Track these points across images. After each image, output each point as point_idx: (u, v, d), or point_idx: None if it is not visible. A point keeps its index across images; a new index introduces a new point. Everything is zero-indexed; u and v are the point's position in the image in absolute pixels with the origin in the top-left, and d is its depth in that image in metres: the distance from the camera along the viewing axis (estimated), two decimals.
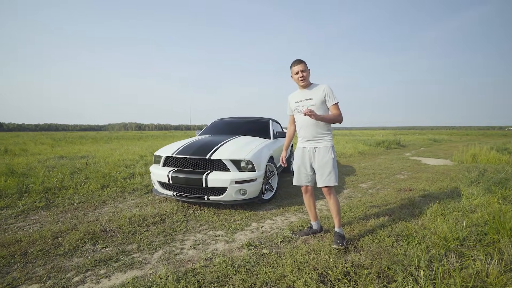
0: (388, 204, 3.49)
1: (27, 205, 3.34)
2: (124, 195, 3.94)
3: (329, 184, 2.23)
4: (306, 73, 2.28)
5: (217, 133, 4.68)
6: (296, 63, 2.28)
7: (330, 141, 2.29)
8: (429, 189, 4.28)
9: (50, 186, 4.00)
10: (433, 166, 6.93)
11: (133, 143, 14.05)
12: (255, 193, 3.27)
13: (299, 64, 2.27)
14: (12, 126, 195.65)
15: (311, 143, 2.31)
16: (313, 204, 2.51)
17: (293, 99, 2.42)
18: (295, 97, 2.41)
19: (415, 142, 16.69)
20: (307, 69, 2.30)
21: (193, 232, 2.63)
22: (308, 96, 2.29)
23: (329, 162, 2.23)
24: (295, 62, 2.29)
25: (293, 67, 2.30)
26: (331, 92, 2.24)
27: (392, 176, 5.60)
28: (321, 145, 2.27)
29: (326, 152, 2.25)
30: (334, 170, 2.23)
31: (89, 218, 2.96)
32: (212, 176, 3.07)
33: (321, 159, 2.25)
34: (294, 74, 2.31)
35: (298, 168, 2.41)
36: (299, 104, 2.34)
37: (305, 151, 2.35)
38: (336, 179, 2.24)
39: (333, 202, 2.30)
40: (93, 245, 2.30)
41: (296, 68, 2.28)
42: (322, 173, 2.25)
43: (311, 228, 2.54)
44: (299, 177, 2.43)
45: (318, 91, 2.27)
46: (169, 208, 3.25)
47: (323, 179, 2.25)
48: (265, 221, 2.96)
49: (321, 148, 2.27)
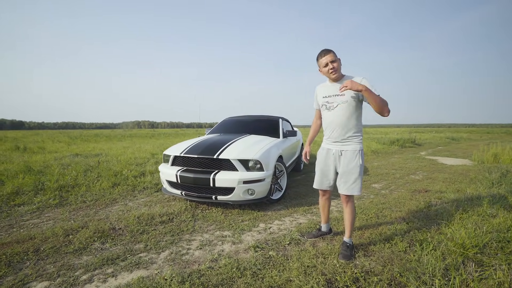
0: (401, 206, 3.36)
1: (42, 202, 3.44)
2: (134, 193, 3.99)
3: (352, 193, 2.02)
4: (336, 64, 1.96)
5: (226, 132, 4.66)
6: (323, 54, 1.98)
7: (359, 144, 2.02)
8: (446, 190, 4.09)
9: (64, 183, 4.11)
10: (450, 166, 6.64)
11: (145, 141, 14.33)
12: (263, 193, 3.23)
13: (328, 55, 1.96)
14: (33, 125, 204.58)
15: (338, 145, 2.05)
16: (328, 207, 2.39)
17: (321, 92, 2.13)
18: (324, 90, 2.11)
19: (432, 141, 16.11)
20: (337, 59, 1.98)
21: (200, 232, 2.62)
22: (340, 91, 1.96)
23: (356, 169, 1.99)
24: (322, 53, 1.99)
25: (321, 59, 2.00)
26: (369, 84, 1.87)
27: (407, 177, 5.41)
28: (349, 148, 2.02)
29: (354, 157, 2.00)
30: (360, 178, 2.00)
31: (99, 216, 3.01)
32: (219, 176, 3.05)
33: (346, 164, 2.01)
34: (323, 67, 2.01)
35: (320, 171, 2.20)
36: (328, 99, 2.06)
37: (330, 153, 2.11)
38: (361, 188, 2.03)
39: (349, 211, 2.11)
40: (102, 244, 2.33)
41: (325, 60, 1.97)
42: (346, 180, 2.02)
43: (320, 230, 2.46)
44: (321, 181, 2.22)
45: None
46: (177, 207, 3.26)
47: (346, 187, 2.03)
48: (273, 222, 2.92)
49: (348, 152, 2.02)
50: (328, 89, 2.08)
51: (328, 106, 2.07)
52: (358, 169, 1.99)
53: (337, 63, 1.98)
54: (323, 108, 2.12)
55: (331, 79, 2.06)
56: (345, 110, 1.98)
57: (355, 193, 2.02)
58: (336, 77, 2.01)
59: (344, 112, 1.98)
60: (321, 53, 2.01)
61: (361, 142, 2.04)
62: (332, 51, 1.98)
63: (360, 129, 2.05)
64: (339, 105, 2.00)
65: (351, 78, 1.96)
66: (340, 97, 1.99)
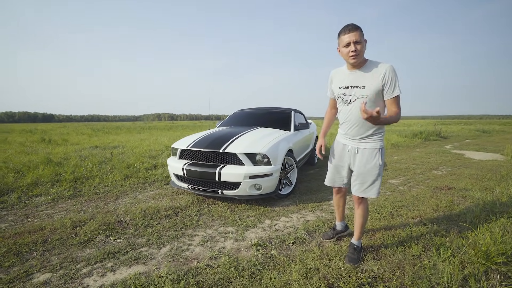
0: (420, 205, 3.12)
1: (57, 193, 3.57)
2: (144, 186, 4.04)
3: (368, 195, 1.80)
4: (360, 46, 1.59)
5: (237, 125, 4.58)
6: (347, 30, 1.59)
7: (380, 142, 1.76)
8: (472, 188, 3.77)
9: (79, 175, 4.24)
10: (479, 161, 6.14)
11: (162, 134, 14.64)
12: (271, 188, 3.12)
13: (353, 32, 1.57)
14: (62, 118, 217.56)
15: (355, 142, 1.81)
16: (343, 205, 2.17)
17: (337, 80, 1.80)
18: (340, 78, 1.78)
19: (460, 133, 15.08)
20: (363, 40, 1.60)
21: (204, 228, 2.58)
22: (360, 83, 1.66)
23: (374, 170, 1.75)
24: (346, 29, 1.60)
25: (343, 36, 1.61)
26: (394, 77, 1.59)
27: (428, 172, 5.06)
28: (367, 146, 1.76)
29: (372, 157, 1.74)
30: (379, 179, 1.76)
31: (108, 208, 3.06)
32: (225, 170, 2.98)
33: (364, 164, 1.77)
34: (343, 47, 1.63)
35: (334, 167, 1.98)
36: (345, 91, 1.74)
37: (345, 149, 1.88)
38: (379, 191, 1.79)
39: (361, 213, 1.91)
40: (106, 237, 2.35)
41: (347, 38, 1.58)
42: (363, 182, 1.80)
43: (334, 229, 2.28)
44: (333, 178, 2.01)
45: (376, 75, 1.61)
46: (184, 201, 3.24)
47: (362, 189, 1.81)
48: (279, 218, 2.81)
49: (366, 150, 1.76)
50: (346, 78, 1.74)
51: (345, 100, 1.76)
52: (377, 170, 1.75)
53: (362, 46, 1.60)
54: (339, 101, 1.83)
55: (350, 64, 1.70)
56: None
57: (372, 196, 1.80)
58: (357, 62, 1.64)
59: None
60: (345, 28, 1.61)
61: (382, 139, 1.77)
62: (359, 28, 1.59)
63: (382, 126, 1.76)
64: (357, 99, 1.69)
65: (374, 65, 1.65)
66: (359, 90, 1.67)
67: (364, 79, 1.66)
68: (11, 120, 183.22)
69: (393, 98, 1.62)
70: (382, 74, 1.60)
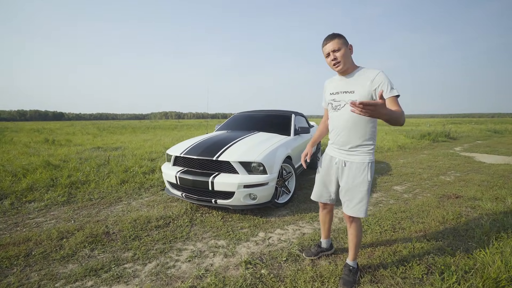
0: (424, 217, 2.94)
1: (51, 199, 3.51)
2: (140, 191, 3.96)
3: (356, 214, 1.69)
4: (341, 53, 1.57)
5: (235, 129, 4.45)
6: (326, 41, 1.60)
7: (370, 155, 1.65)
8: (482, 197, 3.55)
9: (75, 180, 4.19)
10: (490, 166, 5.87)
11: (167, 133, 14.65)
12: (266, 197, 2.99)
13: (331, 41, 1.57)
14: (71, 116, 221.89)
15: (342, 154, 1.71)
16: (329, 221, 2.07)
17: (329, 88, 1.79)
18: (331, 86, 1.76)
19: (470, 133, 14.63)
20: (344, 47, 1.58)
21: (194, 241, 2.47)
22: (348, 88, 1.63)
23: (362, 186, 1.64)
24: (325, 40, 1.61)
25: (323, 47, 1.63)
26: (386, 79, 1.51)
27: (435, 177, 4.84)
28: (355, 159, 1.66)
29: (360, 171, 1.64)
30: (366, 197, 1.66)
31: (99, 217, 2.98)
32: (219, 179, 2.85)
33: (351, 179, 1.67)
34: (326, 57, 1.64)
35: (321, 180, 1.89)
36: (335, 97, 1.70)
37: (332, 161, 1.79)
38: (367, 210, 1.69)
39: (353, 233, 1.79)
40: (91, 250, 2.26)
41: (327, 48, 1.60)
42: (350, 199, 1.69)
43: (319, 246, 2.16)
44: (320, 192, 1.92)
45: (365, 80, 1.57)
46: (177, 210, 3.14)
47: (350, 207, 1.70)
48: (274, 230, 2.68)
49: (354, 164, 1.66)
50: (336, 85, 1.72)
51: (334, 106, 1.71)
52: (365, 186, 1.64)
53: (342, 52, 1.57)
54: (329, 108, 1.77)
55: (337, 73, 1.69)
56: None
57: (360, 215, 1.68)
58: (342, 69, 1.62)
59: (353, 114, 1.58)
60: (324, 39, 1.63)
61: (372, 152, 1.66)
62: (338, 36, 1.58)
63: (373, 136, 1.66)
64: (347, 104, 1.63)
65: (363, 71, 1.61)
66: (348, 95, 1.63)
67: (353, 84, 1.63)
68: (23, 118, 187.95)
69: (391, 98, 1.49)
70: (372, 78, 1.55)
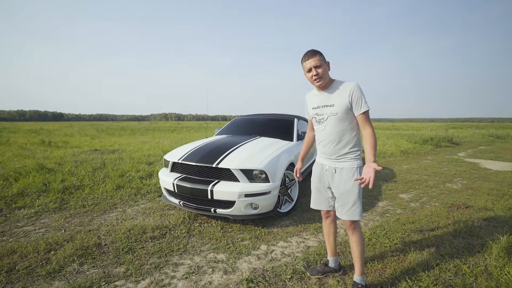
0: (435, 229, 2.79)
1: (42, 205, 3.35)
2: (136, 197, 3.79)
3: (352, 218, 1.71)
4: (322, 70, 1.66)
5: (236, 133, 4.31)
6: (307, 57, 1.68)
7: (357, 160, 1.72)
8: (493, 208, 3.40)
9: (69, 185, 4.03)
10: (496, 173, 5.73)
11: (166, 136, 14.49)
12: (269, 207, 2.83)
13: (312, 58, 1.66)
14: (71, 116, 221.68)
15: (332, 161, 1.77)
16: (333, 233, 1.96)
17: (310, 102, 1.87)
18: (312, 100, 1.85)
19: (472, 139, 14.51)
20: (323, 64, 1.67)
21: (192, 254, 2.30)
22: (328, 102, 1.72)
23: (354, 190, 1.69)
24: (306, 55, 1.69)
25: (304, 63, 1.71)
26: (360, 94, 1.63)
27: (442, 185, 4.69)
28: (344, 165, 1.72)
29: (350, 176, 1.69)
30: (359, 200, 1.70)
31: (91, 226, 2.81)
32: (218, 188, 2.70)
33: (342, 184, 1.72)
34: (307, 72, 1.72)
35: (316, 188, 1.92)
36: (317, 111, 1.79)
37: (323, 169, 1.83)
38: (361, 212, 1.71)
39: (356, 240, 1.75)
40: (80, 265, 2.10)
41: (308, 64, 1.67)
42: (344, 203, 1.73)
43: (326, 265, 2.00)
44: (317, 200, 1.93)
45: (342, 93, 1.67)
46: (174, 219, 2.98)
47: (344, 211, 1.73)
48: (277, 243, 2.52)
49: (344, 170, 1.72)
50: (316, 99, 1.82)
51: (318, 119, 1.81)
52: (356, 190, 1.69)
53: (323, 69, 1.67)
54: (314, 121, 1.86)
55: (317, 87, 1.79)
56: (336, 123, 1.70)
57: (355, 218, 1.71)
58: (322, 84, 1.72)
59: (336, 126, 1.71)
60: (304, 55, 1.71)
61: (359, 157, 1.74)
62: (318, 53, 1.68)
63: (358, 142, 1.75)
64: (329, 117, 1.73)
65: (340, 85, 1.71)
66: (329, 109, 1.72)
67: (332, 98, 1.72)
68: (22, 119, 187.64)
69: (363, 114, 1.65)
70: (348, 91, 1.65)
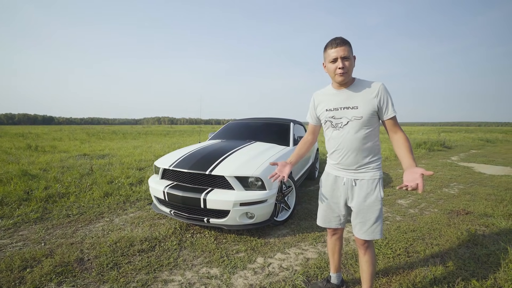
0: (437, 237, 2.69)
1: (22, 215, 3.12)
2: (125, 206, 3.59)
3: (373, 237, 1.50)
4: (349, 63, 1.39)
5: (230, 138, 4.16)
6: (334, 44, 1.38)
7: (379, 170, 1.50)
8: (493, 214, 3.34)
9: (54, 192, 3.80)
10: (491, 177, 5.72)
11: (158, 140, 14.21)
12: (265, 216, 2.69)
13: (341, 46, 1.36)
14: (62, 120, 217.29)
15: (351, 173, 1.52)
16: (338, 250, 1.79)
17: (323, 103, 1.56)
18: (327, 100, 1.54)
19: (463, 142, 14.71)
20: (351, 57, 1.41)
21: (183, 269, 2.14)
22: (351, 103, 1.44)
23: (376, 205, 1.47)
24: (333, 43, 1.39)
25: (330, 50, 1.40)
26: (388, 96, 1.40)
27: (439, 190, 4.63)
28: (366, 176, 1.49)
29: (373, 189, 1.47)
30: (381, 216, 1.49)
31: (74, 239, 2.61)
32: (212, 196, 2.54)
33: (363, 198, 1.48)
34: (330, 62, 1.41)
35: (327, 204, 1.66)
36: (335, 114, 1.49)
37: (339, 182, 1.58)
38: (382, 231, 1.51)
39: (368, 260, 1.57)
40: (58, 284, 1.90)
41: (335, 53, 1.37)
42: (364, 221, 1.49)
43: (328, 281, 1.86)
44: (326, 217, 1.68)
45: (369, 93, 1.42)
46: (164, 229, 2.80)
47: (364, 229, 1.50)
48: (274, 255, 2.38)
49: (365, 182, 1.49)
50: (334, 99, 1.52)
51: (334, 123, 1.51)
52: (379, 204, 1.48)
53: (350, 62, 1.40)
54: (327, 126, 1.56)
55: (336, 83, 1.48)
56: (359, 129, 1.45)
57: (376, 237, 1.50)
58: (345, 80, 1.43)
59: (358, 131, 1.45)
60: (332, 41, 1.40)
61: (380, 167, 1.52)
62: (348, 43, 1.40)
63: (379, 150, 1.53)
64: (350, 121, 1.45)
65: (364, 84, 1.46)
66: (352, 111, 1.44)
67: (355, 98, 1.45)
68: (11, 122, 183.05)
69: (391, 120, 1.44)
70: (376, 92, 1.42)
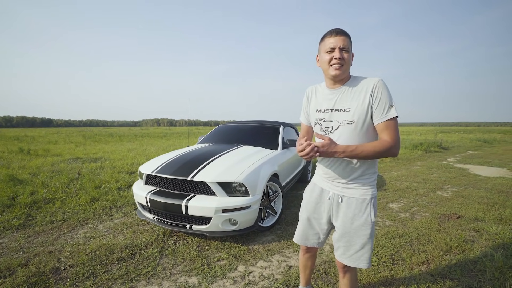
0: (426, 243, 2.63)
1: (4, 222, 3.06)
2: (111, 211, 3.53)
3: (357, 265, 1.30)
4: (348, 56, 1.22)
5: (219, 141, 4.11)
6: (334, 33, 1.21)
7: (372, 188, 1.29)
8: (484, 218, 3.28)
9: (39, 198, 3.74)
10: (486, 179, 5.67)
11: (154, 142, 14.15)
12: (249, 222, 2.63)
13: (340, 36, 1.21)
14: (60, 122, 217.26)
15: (339, 186, 1.33)
16: (311, 266, 1.67)
17: (314, 102, 1.39)
18: (319, 98, 1.36)
19: (460, 143, 14.67)
20: (350, 50, 1.24)
21: (161, 278, 2.08)
22: (343, 105, 1.25)
23: (365, 229, 1.27)
24: (332, 32, 1.22)
25: (328, 38, 1.23)
26: (386, 94, 1.19)
27: (432, 193, 4.58)
28: (355, 193, 1.28)
29: (362, 210, 1.27)
30: (370, 243, 1.28)
31: (54, 246, 2.55)
32: (193, 203, 2.49)
33: (350, 219, 1.29)
34: (326, 52, 1.24)
35: (306, 220, 1.46)
36: (325, 116, 1.31)
37: (324, 195, 1.39)
38: (370, 259, 1.30)
39: (347, 284, 1.41)
40: None
41: (334, 42, 1.20)
42: (348, 245, 1.31)
43: None
44: (305, 234, 1.49)
45: (363, 93, 1.22)
46: (147, 236, 2.74)
47: (348, 255, 1.32)
48: (256, 262, 2.32)
49: (354, 200, 1.28)
50: (326, 99, 1.32)
51: (324, 127, 1.32)
52: (368, 229, 1.26)
53: (349, 56, 1.23)
54: (317, 129, 1.37)
55: (330, 78, 1.27)
56: (350, 135, 1.24)
57: (362, 266, 1.30)
58: (340, 76, 1.24)
59: (350, 138, 1.25)
60: (330, 31, 1.24)
61: (375, 184, 1.30)
62: (349, 35, 1.24)
63: (375, 163, 1.31)
64: (341, 126, 1.26)
65: (360, 81, 1.25)
66: (342, 114, 1.25)
67: (349, 99, 1.25)
68: (9, 125, 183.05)
69: (389, 121, 1.18)
70: (370, 89, 1.20)
